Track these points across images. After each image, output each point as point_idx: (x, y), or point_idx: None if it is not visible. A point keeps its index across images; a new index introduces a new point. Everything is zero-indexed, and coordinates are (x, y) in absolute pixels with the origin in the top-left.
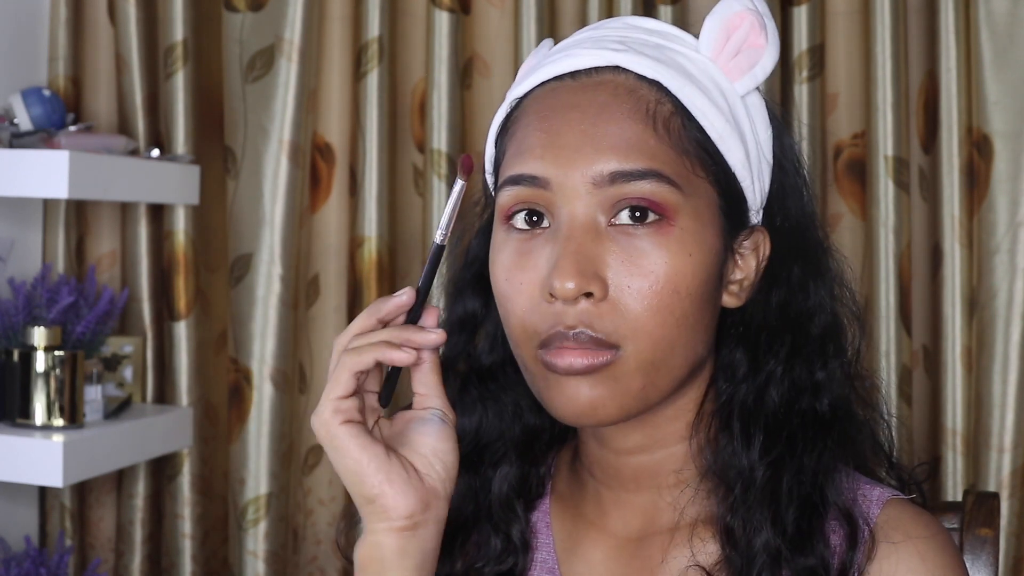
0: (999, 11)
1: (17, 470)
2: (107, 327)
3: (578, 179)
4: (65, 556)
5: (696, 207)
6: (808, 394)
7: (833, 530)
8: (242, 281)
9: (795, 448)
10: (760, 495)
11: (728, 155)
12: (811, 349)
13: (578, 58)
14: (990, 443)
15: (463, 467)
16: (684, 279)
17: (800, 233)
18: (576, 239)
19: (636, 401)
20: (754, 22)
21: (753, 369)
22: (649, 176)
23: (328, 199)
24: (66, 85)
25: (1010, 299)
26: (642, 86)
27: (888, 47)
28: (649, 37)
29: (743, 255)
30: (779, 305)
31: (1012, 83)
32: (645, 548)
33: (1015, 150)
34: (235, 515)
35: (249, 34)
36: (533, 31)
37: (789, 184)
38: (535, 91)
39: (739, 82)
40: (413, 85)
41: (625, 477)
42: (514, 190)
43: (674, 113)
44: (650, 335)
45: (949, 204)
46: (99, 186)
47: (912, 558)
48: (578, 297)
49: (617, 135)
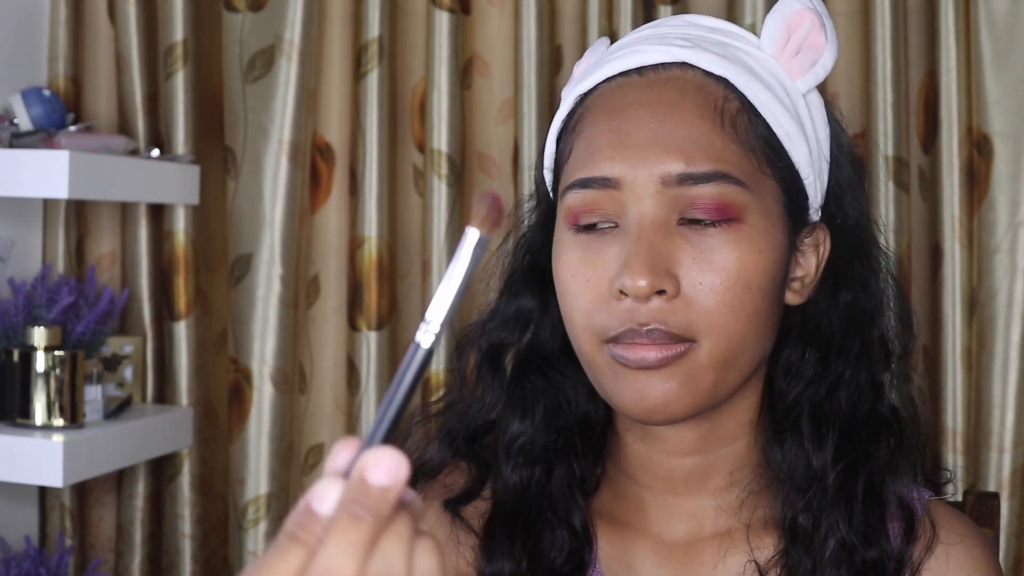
0: (999, 11)
1: (17, 470)
2: (107, 327)
3: (647, 178)
4: (65, 556)
5: (764, 204)
6: (872, 395)
7: (891, 522)
8: (242, 281)
9: (864, 449)
10: (835, 496)
11: (793, 152)
12: (876, 350)
13: (645, 54)
14: (990, 443)
15: (520, 462)
16: (755, 275)
17: (859, 231)
18: (647, 237)
19: (707, 397)
20: (815, 21)
21: (823, 369)
22: (716, 178)
23: (328, 199)
24: (66, 85)
25: (1010, 299)
26: (709, 83)
27: (888, 47)
28: (712, 35)
29: (804, 252)
30: (846, 305)
31: (1012, 83)
32: (694, 554)
33: (1015, 150)
34: (235, 515)
35: (249, 34)
36: (533, 31)
37: (846, 182)
38: (600, 87)
39: (801, 80)
40: (413, 85)
41: (675, 479)
42: (583, 193)
43: (741, 110)
44: (724, 329)
45: (949, 204)
46: (99, 186)
47: (961, 555)
48: (650, 295)
49: (685, 135)
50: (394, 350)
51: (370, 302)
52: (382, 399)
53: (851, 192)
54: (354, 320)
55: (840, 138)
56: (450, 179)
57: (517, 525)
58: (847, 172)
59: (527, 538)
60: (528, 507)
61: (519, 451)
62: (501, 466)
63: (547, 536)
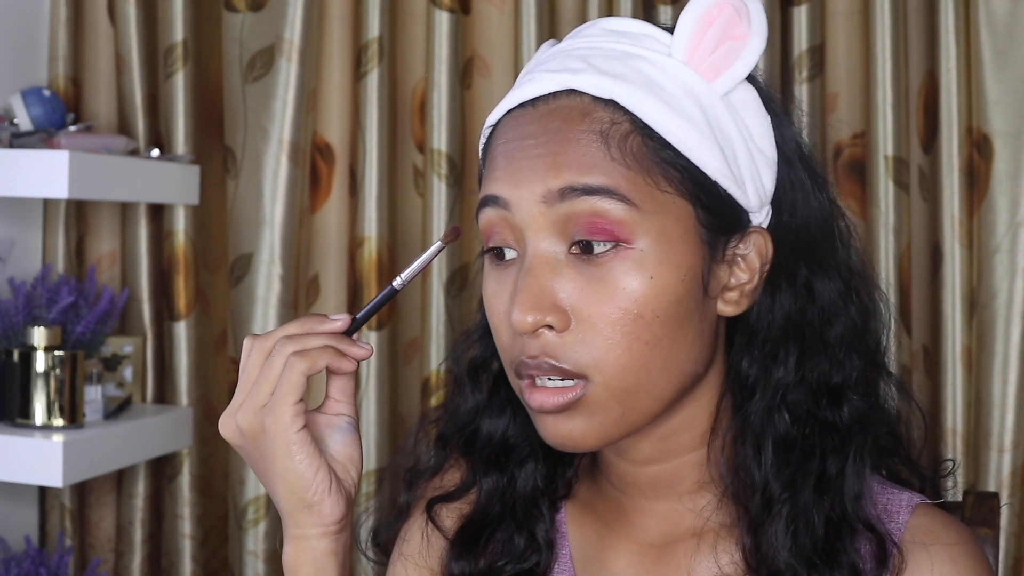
0: (999, 11)
1: (17, 470)
2: (107, 327)
3: (529, 197)
4: (65, 556)
5: (661, 225)
6: (826, 401)
7: (862, 544)
8: (242, 281)
9: (813, 461)
10: (778, 512)
11: (702, 164)
12: (826, 353)
13: (538, 83)
14: (990, 443)
15: (491, 466)
16: (648, 303)
17: (806, 229)
18: (535, 271)
19: (616, 428)
20: (732, 12)
21: (763, 379)
22: (599, 192)
23: (328, 199)
24: (66, 85)
25: (1010, 299)
26: (597, 107)
27: (888, 47)
28: (619, 45)
29: (739, 260)
30: (783, 309)
31: (1012, 83)
32: (669, 555)
33: (1015, 150)
34: (235, 515)
35: (249, 34)
36: (533, 31)
37: (795, 177)
38: (503, 119)
39: (717, 81)
40: (413, 85)
41: (643, 485)
42: (483, 213)
43: (632, 131)
44: (617, 362)
45: (949, 204)
46: (99, 186)
47: (945, 564)
48: (535, 330)
49: (567, 154)
50: (394, 350)
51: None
52: (380, 394)
53: (802, 190)
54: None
55: (784, 130)
56: (450, 179)
57: (484, 529)
58: (798, 169)
59: (488, 543)
60: (492, 513)
61: (490, 456)
62: (477, 470)
63: (503, 542)
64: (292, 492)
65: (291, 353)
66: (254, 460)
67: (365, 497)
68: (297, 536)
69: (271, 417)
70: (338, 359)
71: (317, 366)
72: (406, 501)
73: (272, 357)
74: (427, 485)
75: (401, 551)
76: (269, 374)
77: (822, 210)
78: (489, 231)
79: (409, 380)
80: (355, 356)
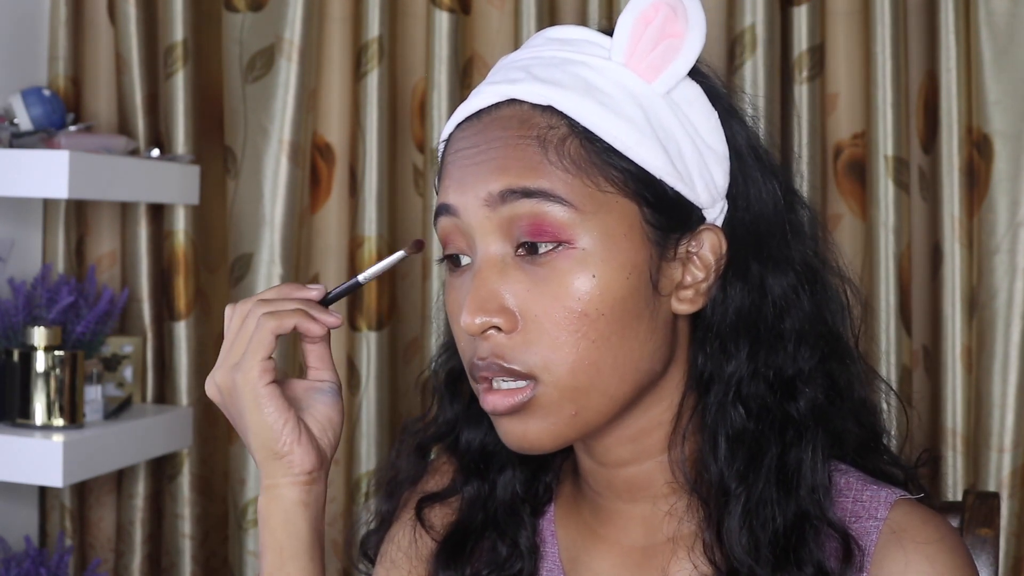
0: (999, 11)
1: (17, 470)
2: (107, 327)
3: (473, 201)
4: (65, 556)
5: (603, 224)
6: (782, 395)
7: (828, 542)
8: (242, 281)
9: (768, 454)
10: (735, 506)
11: (644, 163)
12: (780, 346)
13: (481, 97)
14: (990, 443)
15: (471, 474)
16: (592, 301)
17: (757, 223)
18: (482, 275)
19: (571, 428)
20: (668, 11)
21: (717, 374)
22: (538, 195)
23: (328, 199)
24: (66, 85)
25: (1010, 299)
26: (535, 114)
27: (888, 47)
28: (560, 52)
29: (692, 258)
30: (735, 303)
31: (1012, 83)
32: (651, 558)
33: (1015, 150)
34: (235, 515)
35: (249, 34)
36: (533, 31)
37: (747, 172)
38: (453, 132)
39: (657, 80)
40: (413, 85)
41: (618, 488)
42: (439, 221)
43: (570, 135)
44: (564, 362)
45: (949, 204)
46: (99, 186)
47: (922, 563)
48: (483, 331)
49: (507, 159)
50: (394, 350)
51: (370, 302)
52: (380, 394)
53: (755, 185)
54: (354, 320)
55: (733, 125)
56: None
57: (469, 537)
58: (749, 162)
59: (474, 551)
60: (476, 521)
61: (470, 464)
62: (459, 478)
63: (487, 550)
64: (263, 444)
65: (262, 314)
66: (232, 416)
67: (364, 497)
68: (269, 486)
69: (240, 373)
70: (307, 320)
71: (284, 325)
72: (388, 511)
73: (246, 319)
74: (410, 493)
75: (387, 558)
76: (243, 334)
77: (774, 202)
78: (445, 239)
79: (409, 380)
80: (325, 322)
